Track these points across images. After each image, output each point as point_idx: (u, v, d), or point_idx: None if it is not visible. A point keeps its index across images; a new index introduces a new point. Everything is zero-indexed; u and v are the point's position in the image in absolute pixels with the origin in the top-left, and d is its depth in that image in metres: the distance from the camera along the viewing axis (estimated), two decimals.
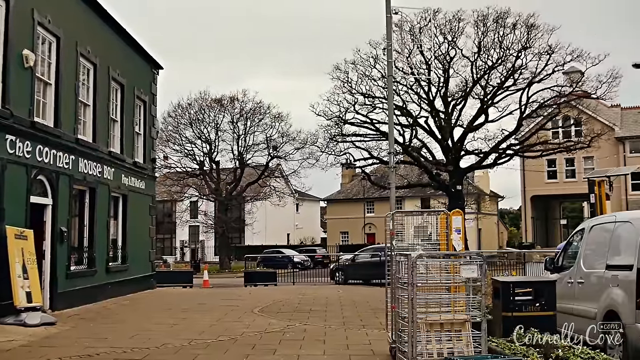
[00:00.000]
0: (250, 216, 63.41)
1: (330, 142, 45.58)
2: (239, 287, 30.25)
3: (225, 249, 56.96)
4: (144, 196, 25.15)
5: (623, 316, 9.52)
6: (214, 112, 54.69)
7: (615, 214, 12.44)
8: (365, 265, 33.36)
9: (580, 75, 44.24)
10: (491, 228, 73.91)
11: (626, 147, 57.98)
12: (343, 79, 44.01)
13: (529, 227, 62.08)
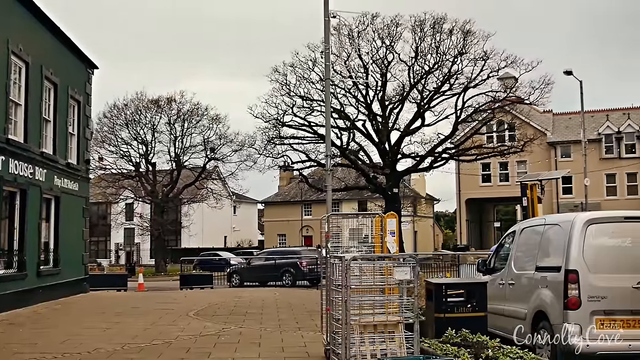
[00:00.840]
0: (187, 218, 62.81)
1: (268, 144, 45.57)
2: (174, 290, 29.89)
3: (161, 251, 56.28)
4: (77, 198, 24.65)
5: (551, 316, 9.73)
6: (150, 113, 53.99)
7: (544, 217, 12.72)
8: (260, 268, 34.39)
9: (514, 81, 45.27)
10: (427, 230, 74.82)
11: (557, 151, 59.47)
12: (281, 82, 44.12)
13: (463, 230, 63.07)
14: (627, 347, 9.16)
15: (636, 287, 9.32)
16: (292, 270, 33.08)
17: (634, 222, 9.93)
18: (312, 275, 32.71)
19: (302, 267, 33.08)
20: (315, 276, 31.72)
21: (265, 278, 33.30)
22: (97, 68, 26.85)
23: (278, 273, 33.44)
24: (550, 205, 56.49)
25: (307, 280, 33.19)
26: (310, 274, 32.96)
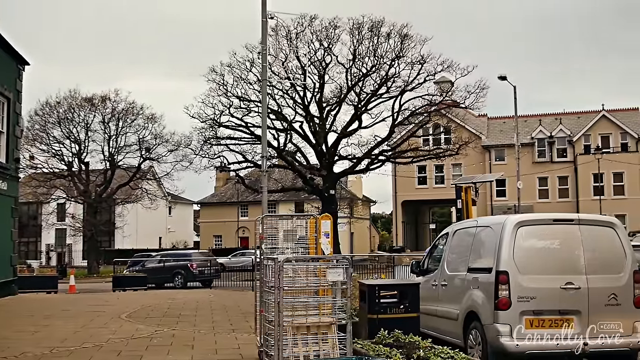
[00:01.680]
0: (121, 219, 61.71)
1: (204, 144, 45.20)
2: (107, 292, 29.37)
3: (93, 253, 55.19)
4: (5, 198, 23.97)
5: (482, 317, 9.86)
6: (84, 111, 52.86)
7: (477, 219, 12.89)
8: (153, 270, 35.05)
9: (450, 85, 45.99)
10: (363, 232, 75.30)
11: (492, 155, 60.62)
12: (219, 82, 43.80)
13: (399, 231, 63.66)
14: (555, 346, 9.35)
15: (564, 288, 9.52)
16: (182, 272, 34.54)
17: (562, 224, 10.14)
18: (203, 276, 34.98)
19: (193, 269, 34.64)
20: (206, 277, 34.90)
21: (158, 280, 34.23)
22: (28, 64, 26.17)
23: (170, 275, 35.06)
24: (485, 208, 57.54)
25: (199, 281, 34.76)
26: (201, 275, 35.04)
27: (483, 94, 43.76)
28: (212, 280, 35.77)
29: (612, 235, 10.16)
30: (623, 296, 9.80)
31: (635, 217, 55.69)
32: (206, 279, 35.26)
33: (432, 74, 44.02)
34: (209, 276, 35.83)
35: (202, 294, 26.92)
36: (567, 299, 9.54)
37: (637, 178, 56.45)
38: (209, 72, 43.91)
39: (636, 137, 57.75)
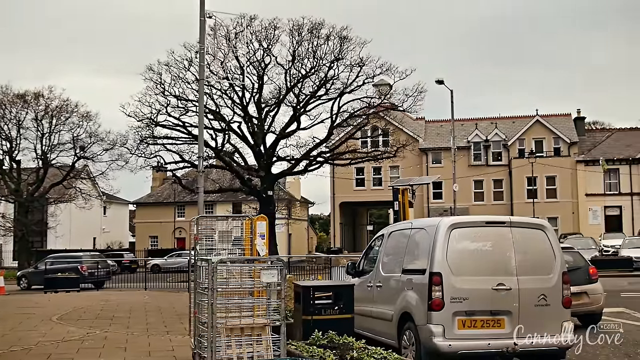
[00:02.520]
0: (54, 219, 60.35)
1: (140, 144, 44.44)
2: (38, 293, 28.73)
3: (25, 253, 53.75)
4: None
5: (416, 317, 9.96)
6: (16, 108, 51.58)
7: (411, 221, 13.04)
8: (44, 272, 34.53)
9: (389, 88, 46.41)
10: (301, 233, 75.39)
11: (429, 157, 61.41)
12: (156, 80, 43.16)
13: (337, 233, 63.91)
14: (487, 346, 9.53)
15: (495, 289, 9.69)
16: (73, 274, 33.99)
17: (494, 226, 10.33)
18: (93, 278, 35.27)
19: (83, 271, 34.77)
20: (96, 279, 35.40)
21: None
22: None
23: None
24: (422, 210, 58.24)
25: (89, 282, 34.62)
26: (91, 277, 35.31)
27: (421, 98, 44.21)
28: (104, 282, 36.36)
29: (542, 237, 10.40)
30: (552, 297, 10.03)
31: (566, 219, 57.20)
32: (97, 281, 35.47)
33: (371, 76, 44.26)
34: (100, 278, 36.22)
35: (136, 295, 26.56)
36: (498, 299, 9.71)
37: (568, 182, 57.95)
38: (146, 71, 43.25)
39: (568, 142, 59.24)
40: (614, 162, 57.70)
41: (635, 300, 21.12)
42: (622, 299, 21.67)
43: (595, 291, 15.74)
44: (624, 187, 57.92)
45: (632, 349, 12.60)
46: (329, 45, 43.27)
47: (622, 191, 57.92)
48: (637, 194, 57.37)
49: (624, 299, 21.69)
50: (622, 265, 34.00)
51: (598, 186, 58.04)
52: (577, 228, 55.76)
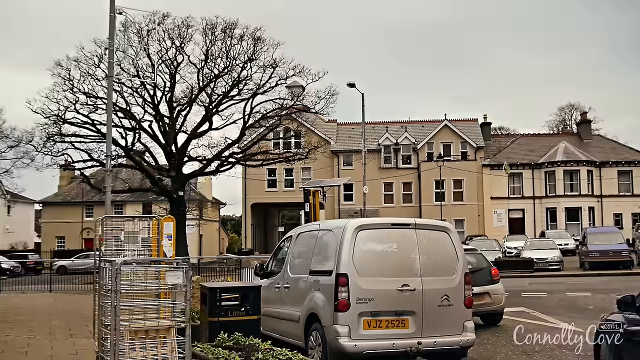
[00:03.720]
0: None
1: (47, 141, 43.11)
2: None
3: None
4: None
5: (323, 318, 10.05)
6: None
7: (319, 223, 13.14)
8: None
9: (302, 90, 46.55)
10: (213, 234, 74.78)
11: (340, 159, 61.95)
12: (64, 76, 42.00)
13: (248, 234, 63.73)
14: (391, 346, 9.71)
15: (400, 290, 9.89)
16: None
17: (400, 228, 10.51)
18: None
19: None
20: None
21: None
22: None
23: None
24: (333, 211, 58.73)
25: None
26: None
27: (333, 100, 44.75)
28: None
29: (446, 239, 10.67)
30: (455, 297, 10.31)
31: (472, 222, 58.77)
32: None
33: (284, 78, 44.43)
34: None
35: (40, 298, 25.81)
36: (403, 300, 9.91)
37: (475, 185, 59.56)
38: (55, 66, 42.04)
39: (475, 146, 60.88)
40: (517, 167, 59.73)
41: (535, 300, 21.90)
42: (522, 298, 22.43)
43: (497, 291, 16.25)
44: (526, 190, 60.01)
45: (530, 346, 13.05)
46: (242, 46, 43.25)
47: (525, 195, 59.99)
48: (538, 198, 59.53)
49: (524, 298, 22.46)
50: (523, 266, 35.16)
51: (502, 190, 59.92)
52: (483, 230, 57.38)
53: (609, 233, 38.55)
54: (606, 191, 59.43)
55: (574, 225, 56.73)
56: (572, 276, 32.84)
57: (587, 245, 36.23)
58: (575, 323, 16.13)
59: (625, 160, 60.27)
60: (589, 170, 58.90)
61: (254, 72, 44.06)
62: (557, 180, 58.60)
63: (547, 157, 59.91)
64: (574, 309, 19.44)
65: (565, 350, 12.58)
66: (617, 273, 32.39)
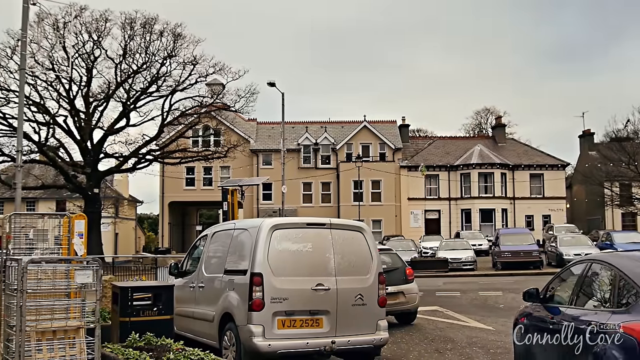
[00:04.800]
0: None
1: None
2: None
3: None
4: None
5: (237, 318, 9.98)
6: None
7: (234, 222, 13.06)
8: None
9: (222, 88, 46.26)
10: (129, 233, 73.38)
11: (259, 159, 61.75)
12: None
13: (166, 233, 62.82)
14: (305, 345, 9.73)
15: (315, 289, 9.92)
16: None
17: (315, 228, 10.53)
18: None
19: None
20: None
21: None
22: None
23: None
24: (251, 210, 58.55)
25: None
26: None
27: (253, 99, 44.58)
28: None
29: (360, 239, 10.76)
30: (368, 296, 10.41)
31: (390, 222, 59.55)
32: None
33: (204, 75, 44.12)
34: None
35: None
36: (317, 299, 9.94)
37: (392, 186, 60.33)
38: None
39: (393, 147, 61.70)
40: (434, 169, 60.89)
41: (449, 299, 22.37)
42: (437, 297, 22.87)
43: (411, 291, 16.51)
44: (442, 192, 61.24)
45: (443, 344, 13.34)
46: (162, 42, 42.72)
47: (441, 196, 61.20)
48: (454, 199, 60.82)
49: (438, 297, 22.91)
50: (438, 266, 35.85)
51: (419, 191, 60.96)
52: (400, 230, 58.21)
53: (521, 234, 39.70)
54: (519, 193, 61.24)
55: (488, 226, 58.19)
56: (485, 276, 33.67)
57: (499, 246, 37.19)
58: (486, 321, 16.59)
59: (537, 164, 62.23)
60: (503, 172, 60.54)
61: (174, 69, 43.70)
62: (472, 182, 60.00)
63: (463, 159, 61.28)
64: (486, 308, 19.95)
65: (475, 347, 12.88)
66: (528, 273, 33.35)
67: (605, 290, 7.13)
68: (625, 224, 61.59)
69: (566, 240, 36.47)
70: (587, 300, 7.49)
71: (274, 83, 39.20)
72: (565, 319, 7.42)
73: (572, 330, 7.00)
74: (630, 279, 6.60)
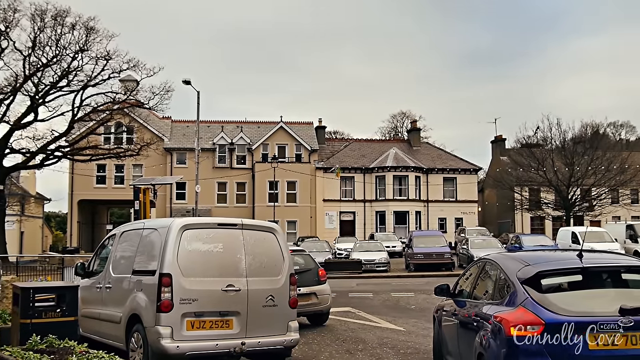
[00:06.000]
0: None
1: None
2: None
3: None
4: None
5: (145, 319, 9.73)
6: None
7: (144, 221, 12.74)
8: None
9: (135, 84, 45.36)
10: (35, 231, 70.99)
11: (173, 157, 60.78)
12: None
13: (74, 232, 61.10)
14: (215, 347, 9.58)
15: (225, 290, 9.76)
16: None
17: (226, 228, 10.37)
18: None
19: None
20: None
21: None
22: None
23: None
24: (164, 210, 57.61)
25: None
26: None
27: (168, 97, 43.93)
28: None
29: (272, 240, 10.68)
30: (280, 297, 10.34)
31: (305, 223, 59.67)
32: None
33: (118, 71, 43.21)
34: None
35: None
36: (227, 300, 9.80)
37: (308, 187, 60.46)
38: None
39: (309, 149, 61.82)
40: (349, 171, 61.32)
41: (361, 300, 22.50)
42: (349, 298, 22.98)
43: (323, 292, 16.49)
44: (358, 194, 61.75)
45: (354, 345, 13.37)
46: (74, 35, 41.60)
47: (356, 198, 61.71)
48: (369, 201, 61.43)
49: (351, 298, 23.02)
50: (352, 267, 36.05)
51: (335, 192, 61.30)
52: (315, 232, 58.37)
53: (433, 236, 40.42)
54: (432, 196, 62.40)
55: (402, 228, 59.04)
56: (398, 277, 34.07)
57: (412, 248, 37.73)
58: (397, 322, 16.74)
59: (450, 168, 63.55)
60: (417, 176, 61.53)
61: (86, 63, 42.64)
62: (387, 184, 60.72)
63: (378, 162, 61.94)
64: (397, 309, 20.15)
65: (386, 348, 12.96)
66: (440, 274, 33.90)
67: (491, 285, 8.41)
68: (534, 227, 63.63)
69: (477, 243, 37.28)
70: (481, 293, 8.73)
71: (189, 81, 38.66)
72: (466, 310, 8.73)
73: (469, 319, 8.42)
74: (507, 275, 7.81)
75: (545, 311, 6.90)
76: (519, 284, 7.39)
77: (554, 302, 7.04)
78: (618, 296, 7.24)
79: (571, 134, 57.86)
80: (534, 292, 7.19)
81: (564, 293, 7.37)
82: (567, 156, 54.86)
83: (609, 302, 7.01)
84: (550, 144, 57.80)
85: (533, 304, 7.03)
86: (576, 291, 7.42)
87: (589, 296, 7.34)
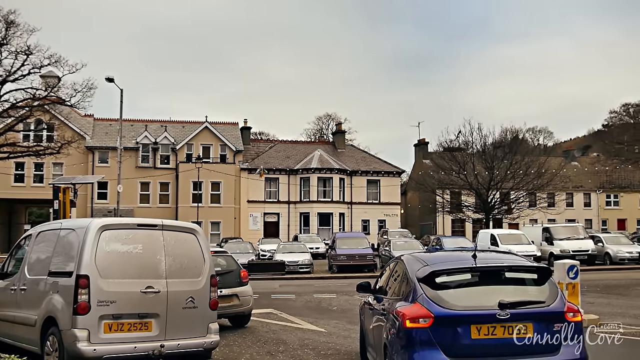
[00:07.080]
0: None
1: None
2: None
3: None
4: None
5: (61, 322, 9.54)
6: None
7: (61, 221, 12.47)
8: None
9: (57, 80, 44.37)
10: None
11: (95, 156, 59.58)
12: None
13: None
14: (133, 349, 9.48)
15: (144, 292, 9.68)
16: None
17: (146, 229, 10.28)
18: None
19: None
20: None
21: None
22: None
23: None
24: (85, 210, 56.45)
25: None
26: None
27: (90, 94, 43.03)
28: None
29: (193, 241, 10.64)
30: (200, 299, 10.31)
31: (229, 224, 59.40)
32: None
33: (38, 66, 42.15)
34: None
35: None
36: (146, 302, 9.72)
37: (232, 188, 60.18)
38: None
39: (234, 149, 61.54)
40: (274, 172, 61.33)
41: (284, 302, 22.54)
42: (272, 300, 23.00)
43: (245, 293, 16.47)
44: (282, 195, 61.83)
45: (275, 347, 13.42)
46: None
47: (281, 199, 61.78)
48: (293, 203, 61.56)
49: (274, 300, 23.04)
50: (276, 268, 36.05)
51: (259, 194, 61.22)
52: (239, 233, 58.16)
53: (356, 238, 40.78)
54: (356, 198, 63.00)
55: (326, 230, 59.37)
56: (321, 279, 34.23)
57: (335, 249, 37.96)
58: (319, 323, 16.85)
59: (373, 170, 64.28)
60: (341, 178, 62.02)
61: (5, 58, 41.45)
62: (311, 186, 60.99)
63: (303, 163, 62.16)
64: (319, 310, 20.27)
65: (307, 349, 13.05)
66: (362, 276, 34.12)
67: (399, 282, 9.08)
68: (454, 229, 64.99)
69: (399, 245, 37.73)
70: (392, 290, 9.36)
71: (113, 79, 38.05)
72: (382, 304, 9.34)
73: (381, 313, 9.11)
74: (408, 274, 8.61)
75: (435, 306, 7.74)
76: (416, 282, 8.18)
77: (444, 299, 7.85)
78: (499, 292, 7.93)
79: (491, 138, 59.35)
80: (428, 289, 8.00)
81: (455, 290, 8.06)
82: (487, 160, 56.17)
83: (491, 298, 7.79)
84: (471, 148, 59.09)
85: (426, 299, 7.86)
86: (465, 288, 8.14)
87: (476, 292, 8.11)
